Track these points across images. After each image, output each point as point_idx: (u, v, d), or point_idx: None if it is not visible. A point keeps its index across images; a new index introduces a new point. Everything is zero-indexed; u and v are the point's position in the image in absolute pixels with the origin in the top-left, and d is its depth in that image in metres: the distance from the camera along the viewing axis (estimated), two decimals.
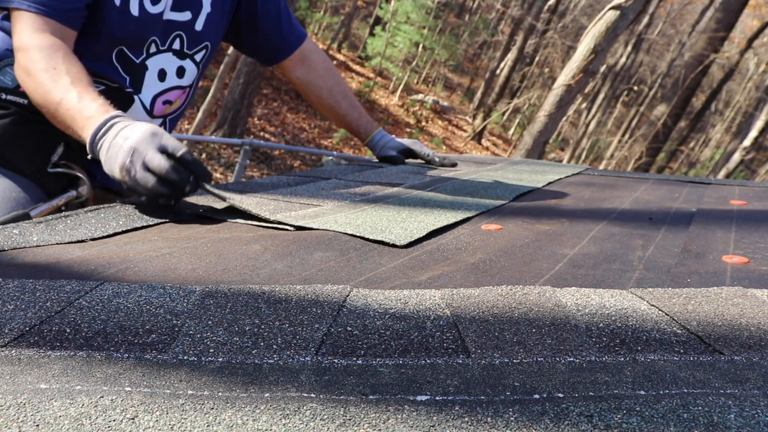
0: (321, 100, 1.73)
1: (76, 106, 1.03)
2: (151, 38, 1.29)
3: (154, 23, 1.27)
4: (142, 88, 1.32)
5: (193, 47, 1.37)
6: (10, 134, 1.22)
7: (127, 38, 1.25)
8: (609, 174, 1.79)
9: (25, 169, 1.24)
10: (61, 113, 1.05)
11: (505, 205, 1.18)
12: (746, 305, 0.62)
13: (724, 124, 23.07)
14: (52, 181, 1.26)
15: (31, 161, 1.24)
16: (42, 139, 1.23)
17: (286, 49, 1.64)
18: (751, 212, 1.22)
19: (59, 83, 1.06)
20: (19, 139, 1.23)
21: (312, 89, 1.71)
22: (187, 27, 1.33)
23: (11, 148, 1.23)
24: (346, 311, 0.58)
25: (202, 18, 1.35)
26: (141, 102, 1.33)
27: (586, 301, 0.63)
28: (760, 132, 10.62)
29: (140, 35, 1.26)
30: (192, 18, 1.33)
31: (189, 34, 1.34)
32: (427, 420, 0.39)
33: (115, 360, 0.47)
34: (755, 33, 14.85)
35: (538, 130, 5.30)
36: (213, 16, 1.37)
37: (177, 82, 1.38)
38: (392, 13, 14.99)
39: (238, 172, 5.29)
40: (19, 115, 1.22)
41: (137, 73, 1.30)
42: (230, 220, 0.96)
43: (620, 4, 4.74)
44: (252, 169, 8.23)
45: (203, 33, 1.37)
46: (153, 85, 1.33)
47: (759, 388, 0.45)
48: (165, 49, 1.32)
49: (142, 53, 1.29)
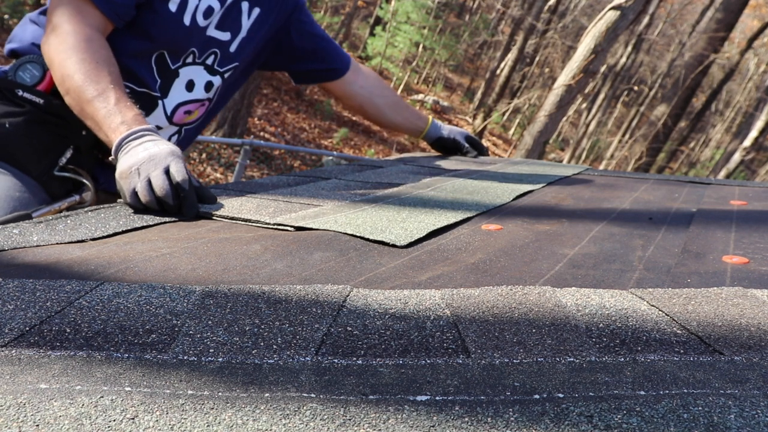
0: (379, 108, 1.78)
1: (112, 109, 1.05)
2: (192, 48, 1.33)
3: (198, 35, 1.32)
4: (168, 94, 1.35)
5: (224, 65, 1.42)
6: (22, 133, 1.22)
7: (172, 44, 1.29)
8: (609, 174, 1.79)
9: (32, 169, 1.24)
10: (91, 109, 1.07)
11: (505, 205, 1.18)
12: (746, 305, 0.62)
13: (725, 125, 23.08)
14: (57, 184, 1.27)
15: (38, 162, 1.24)
16: (52, 141, 1.23)
17: (345, 61, 1.69)
18: (751, 212, 1.22)
19: (99, 81, 1.08)
20: (30, 138, 1.23)
21: (373, 99, 1.75)
22: (224, 46, 1.39)
23: (21, 147, 1.23)
24: (346, 311, 0.58)
25: (237, 41, 1.41)
26: (164, 107, 1.35)
27: (586, 301, 0.63)
28: (760, 132, 10.62)
29: (184, 43, 1.31)
30: (230, 39, 1.39)
31: (223, 52, 1.40)
32: (427, 420, 0.39)
33: (115, 360, 0.47)
34: (755, 33, 14.85)
35: (538, 130, 5.30)
36: (246, 41, 1.43)
37: (203, 95, 1.42)
38: (392, 13, 14.99)
39: (238, 172, 5.29)
40: (33, 114, 1.22)
41: (168, 79, 1.34)
42: (230, 220, 0.96)
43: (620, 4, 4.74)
44: (252, 169, 8.23)
45: (235, 54, 1.42)
46: (180, 93, 1.37)
47: (759, 389, 0.45)
48: (199, 62, 1.37)
49: (179, 61, 1.33)
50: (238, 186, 1.26)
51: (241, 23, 1.39)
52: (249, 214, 0.96)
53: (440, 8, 15.81)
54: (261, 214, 0.97)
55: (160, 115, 1.36)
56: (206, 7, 1.30)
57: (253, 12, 1.41)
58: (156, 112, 1.34)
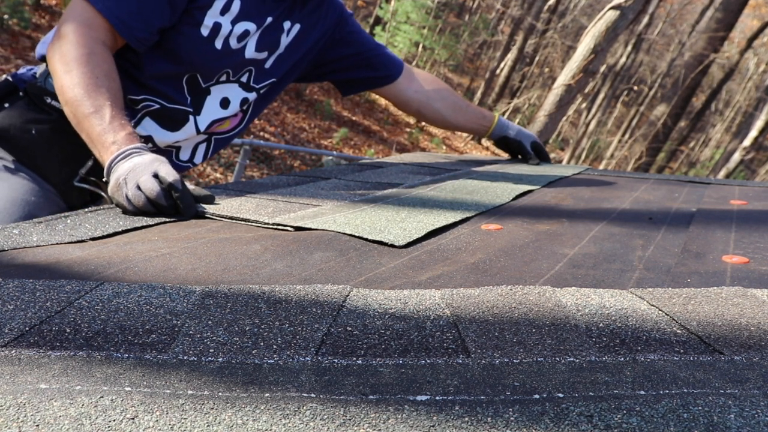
0: (439, 112, 1.73)
1: (107, 127, 1.05)
2: (225, 69, 1.32)
3: (230, 58, 1.29)
4: (201, 111, 1.34)
5: (260, 82, 1.40)
6: (46, 140, 1.22)
7: (204, 67, 1.28)
8: (609, 174, 1.79)
9: (52, 177, 1.24)
10: (87, 125, 1.07)
11: (505, 205, 1.18)
12: (746, 305, 0.62)
13: (724, 124, 23.07)
14: (75, 194, 1.27)
15: (59, 170, 1.24)
16: (75, 151, 1.23)
17: (397, 68, 1.65)
18: (751, 212, 1.22)
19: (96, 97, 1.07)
20: (54, 146, 1.23)
21: (430, 102, 1.71)
22: (259, 64, 1.37)
23: (43, 154, 1.23)
24: (346, 311, 0.58)
25: (273, 57, 1.38)
26: (196, 122, 1.34)
27: (586, 301, 0.63)
28: (760, 132, 10.62)
29: (217, 66, 1.29)
30: (266, 57, 1.37)
31: (259, 70, 1.37)
32: (427, 420, 0.39)
33: (115, 360, 0.47)
34: (755, 33, 14.85)
35: (538, 130, 5.30)
36: (284, 57, 1.40)
37: (238, 110, 1.40)
38: (392, 13, 14.99)
39: (238, 172, 5.29)
40: (59, 123, 1.22)
41: (199, 96, 1.32)
42: (230, 220, 0.96)
43: (620, 4, 4.74)
44: (252, 169, 8.22)
45: (271, 70, 1.40)
46: (214, 110, 1.35)
47: (759, 388, 0.45)
48: (234, 81, 1.35)
49: (212, 80, 1.32)
50: (237, 186, 1.26)
51: (280, 41, 1.36)
52: (248, 214, 0.96)
53: (440, 8, 15.82)
54: (260, 214, 0.97)
55: (191, 129, 1.34)
56: (242, 31, 1.27)
57: (294, 29, 1.38)
58: (187, 127, 1.33)
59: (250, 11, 1.27)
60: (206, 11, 1.21)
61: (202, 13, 1.21)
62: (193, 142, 1.40)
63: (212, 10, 1.22)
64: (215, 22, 1.23)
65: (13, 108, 1.23)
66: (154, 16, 1.16)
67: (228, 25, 1.24)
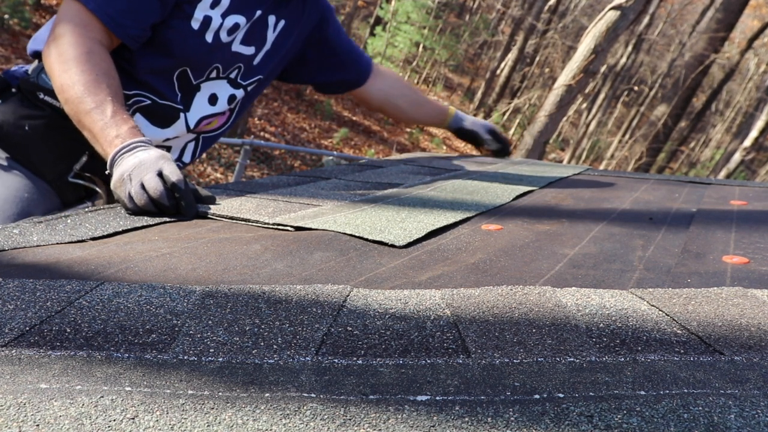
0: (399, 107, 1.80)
1: (109, 122, 1.05)
2: (215, 65, 1.32)
3: (221, 52, 1.30)
4: (191, 108, 1.35)
5: (248, 78, 1.41)
6: (40, 136, 1.22)
7: (195, 61, 1.28)
8: (609, 174, 1.79)
9: (47, 173, 1.24)
10: (89, 121, 1.07)
11: (505, 205, 1.18)
12: (746, 305, 0.62)
13: (725, 125, 23.07)
14: (70, 190, 1.27)
15: (54, 166, 1.24)
16: (69, 146, 1.23)
17: (367, 67, 1.70)
18: (751, 212, 1.22)
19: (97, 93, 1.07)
20: (48, 142, 1.23)
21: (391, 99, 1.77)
22: (247, 60, 1.38)
23: (37, 150, 1.23)
24: (346, 311, 0.58)
25: (261, 54, 1.40)
26: (186, 120, 1.35)
27: (586, 301, 0.63)
28: (761, 132, 10.62)
29: (208, 60, 1.30)
30: (254, 53, 1.38)
31: (247, 66, 1.38)
32: (427, 420, 0.39)
33: (115, 360, 0.47)
34: (755, 33, 14.84)
35: (538, 130, 5.30)
36: (271, 54, 1.42)
37: (225, 107, 1.41)
38: (392, 13, 15.00)
39: (238, 172, 5.29)
40: (52, 118, 1.22)
41: (189, 93, 1.33)
42: (230, 220, 0.96)
43: (621, 4, 4.74)
44: (252, 169, 8.23)
45: (258, 67, 1.41)
46: (202, 107, 1.36)
47: (759, 389, 0.45)
48: (223, 77, 1.36)
49: (202, 76, 1.32)
50: (238, 186, 1.26)
51: (266, 36, 1.38)
52: (249, 214, 0.96)
53: (440, 8, 15.82)
54: (261, 214, 0.97)
55: (181, 127, 1.35)
56: (232, 24, 1.27)
57: (279, 24, 1.39)
58: (177, 124, 1.34)
59: (239, 4, 1.28)
60: (196, 4, 1.22)
61: (192, 7, 1.21)
62: (183, 141, 1.40)
63: (202, 4, 1.22)
64: (205, 16, 1.23)
65: (5, 104, 1.23)
66: (145, 13, 1.16)
67: (218, 19, 1.25)
